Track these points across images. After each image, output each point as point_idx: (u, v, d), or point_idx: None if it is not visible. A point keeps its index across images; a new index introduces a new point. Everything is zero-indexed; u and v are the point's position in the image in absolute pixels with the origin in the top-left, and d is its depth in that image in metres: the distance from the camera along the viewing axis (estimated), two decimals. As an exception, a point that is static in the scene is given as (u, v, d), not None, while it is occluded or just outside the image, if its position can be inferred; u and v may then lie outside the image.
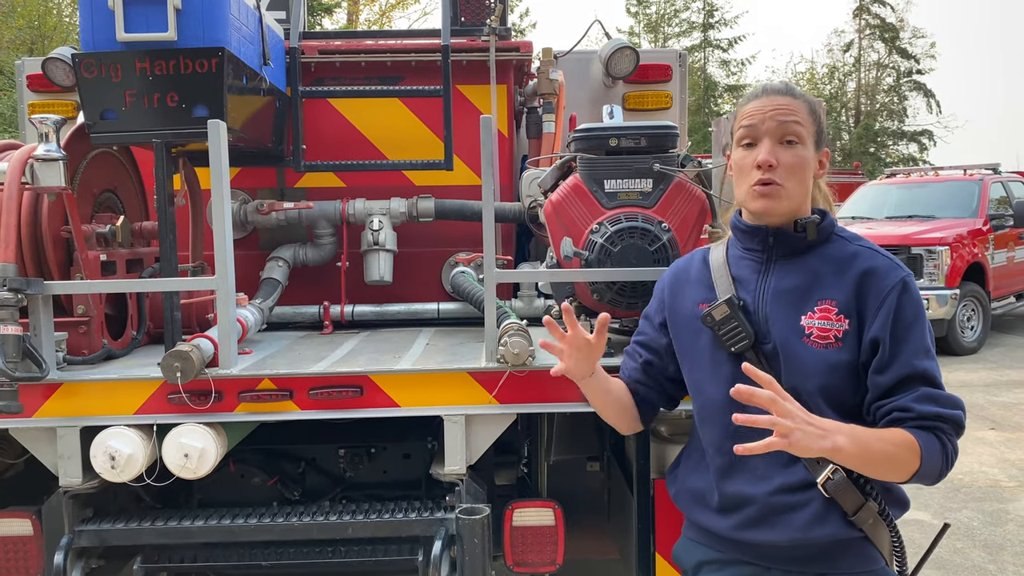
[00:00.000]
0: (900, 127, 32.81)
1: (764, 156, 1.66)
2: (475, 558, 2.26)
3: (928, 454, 1.56)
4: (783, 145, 1.68)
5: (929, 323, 1.65)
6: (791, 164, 1.67)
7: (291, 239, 3.38)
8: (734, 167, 1.75)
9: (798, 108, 1.70)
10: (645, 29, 33.39)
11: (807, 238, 1.72)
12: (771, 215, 1.70)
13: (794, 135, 1.68)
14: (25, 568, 2.39)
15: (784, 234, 1.72)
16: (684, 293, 1.86)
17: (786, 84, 1.79)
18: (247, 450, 2.75)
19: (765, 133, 1.68)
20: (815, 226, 1.71)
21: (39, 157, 2.34)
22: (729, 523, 1.74)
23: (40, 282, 2.30)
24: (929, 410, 1.58)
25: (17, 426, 2.31)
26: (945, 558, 4.24)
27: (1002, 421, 6.88)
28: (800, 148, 1.69)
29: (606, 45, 3.91)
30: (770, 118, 1.68)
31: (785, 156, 1.67)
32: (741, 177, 1.72)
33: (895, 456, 1.55)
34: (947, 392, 1.62)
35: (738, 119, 1.75)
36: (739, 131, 1.72)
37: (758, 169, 1.67)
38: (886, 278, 1.65)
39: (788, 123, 1.67)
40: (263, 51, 2.88)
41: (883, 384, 1.62)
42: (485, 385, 2.34)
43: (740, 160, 1.72)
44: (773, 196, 1.67)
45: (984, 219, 10.66)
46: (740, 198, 1.75)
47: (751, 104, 1.73)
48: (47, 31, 20.44)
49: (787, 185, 1.67)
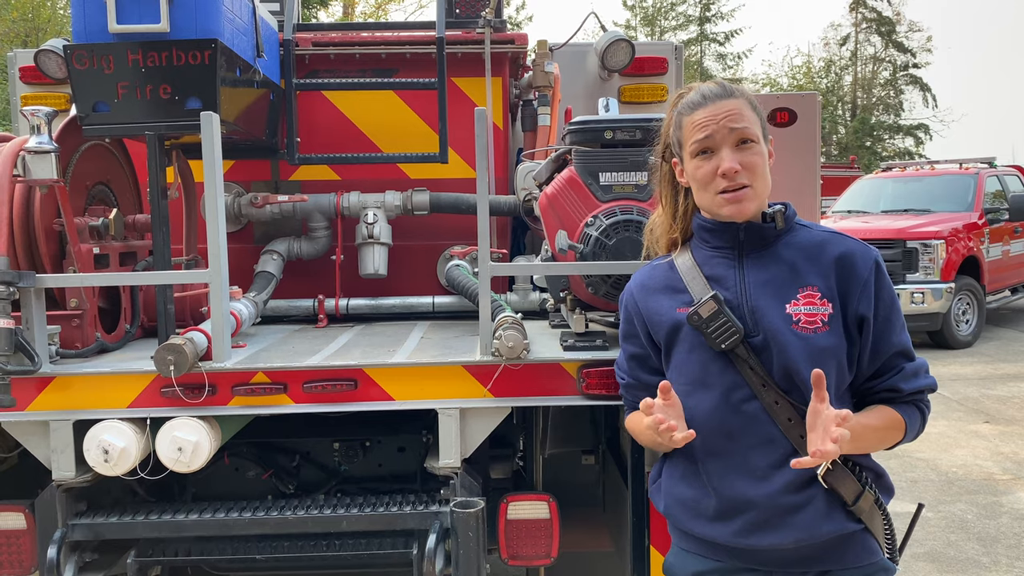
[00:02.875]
0: (896, 121, 32.79)
1: (728, 164, 1.68)
2: (470, 551, 2.26)
3: (910, 427, 1.72)
4: (739, 149, 1.70)
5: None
6: (752, 164, 1.70)
7: (285, 232, 3.38)
8: (692, 176, 1.75)
9: (743, 108, 1.72)
10: (641, 23, 33.34)
11: (776, 228, 1.74)
12: (742, 217, 1.73)
13: (748, 136, 1.70)
14: (19, 561, 2.39)
15: (755, 227, 1.74)
16: (656, 302, 1.82)
17: (721, 85, 1.77)
18: (241, 444, 2.75)
19: (721, 142, 1.70)
20: (782, 215, 1.75)
21: (31, 149, 2.33)
22: (729, 530, 1.70)
23: (32, 275, 2.29)
24: (914, 386, 1.72)
25: (9, 419, 2.30)
26: (939, 550, 4.26)
27: (996, 414, 6.91)
28: (756, 147, 1.71)
29: (602, 37, 3.90)
30: (723, 127, 1.70)
31: (745, 158, 1.69)
32: (704, 186, 1.73)
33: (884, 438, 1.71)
34: (919, 359, 1.75)
35: (687, 130, 1.75)
36: (692, 144, 1.73)
37: (723, 178, 1.69)
38: (863, 260, 1.72)
39: (740, 128, 1.70)
40: (257, 43, 2.87)
41: (873, 365, 1.72)
42: (480, 378, 2.34)
43: (698, 170, 1.73)
44: (743, 199, 1.70)
45: (980, 213, 10.68)
46: (706, 206, 1.76)
47: (698, 114, 1.73)
48: (41, 24, 20.34)
49: (754, 185, 1.70)
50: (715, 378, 1.70)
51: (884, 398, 1.72)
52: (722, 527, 1.71)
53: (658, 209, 1.95)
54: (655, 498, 1.89)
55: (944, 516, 4.72)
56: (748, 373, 1.67)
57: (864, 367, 1.72)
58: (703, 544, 1.77)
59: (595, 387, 2.32)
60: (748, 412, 1.67)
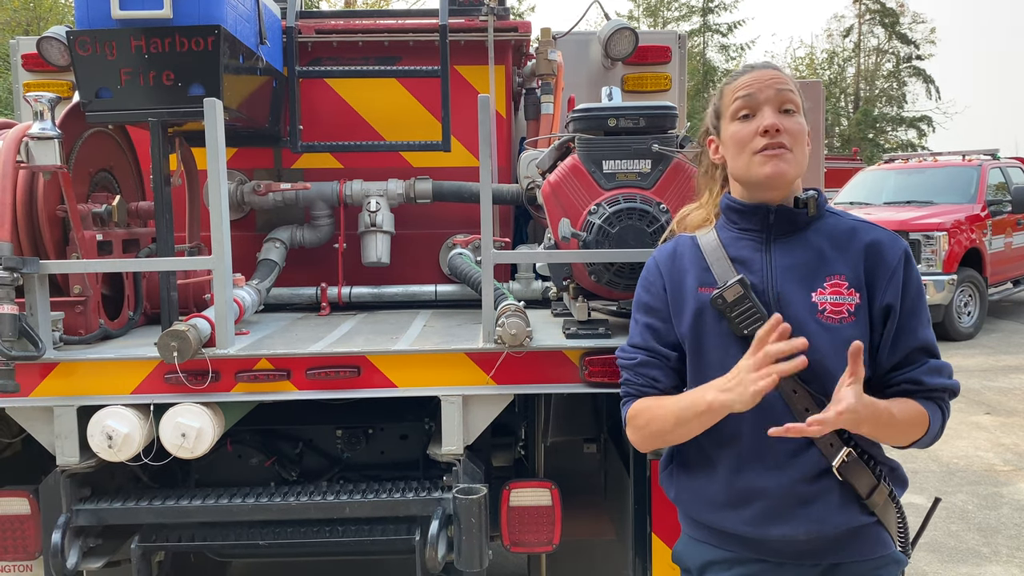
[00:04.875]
0: (899, 113, 32.70)
1: (770, 120, 1.63)
2: (472, 537, 2.27)
3: (932, 425, 1.65)
4: (783, 113, 1.66)
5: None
6: (794, 130, 1.65)
7: (288, 220, 3.37)
8: (730, 141, 1.70)
9: (789, 80, 1.69)
10: (644, 13, 33.18)
11: (808, 214, 1.70)
12: (781, 180, 1.65)
13: (792, 103, 1.66)
14: (23, 547, 2.40)
15: (786, 211, 1.69)
16: (681, 275, 1.75)
17: (768, 62, 1.75)
18: (244, 430, 2.76)
19: (764, 102, 1.65)
20: (815, 202, 1.70)
21: (34, 135, 2.32)
22: (741, 519, 1.67)
23: (36, 261, 2.29)
24: (937, 383, 1.65)
25: (14, 405, 2.31)
26: (940, 541, 4.27)
27: (997, 406, 6.91)
28: (798, 116, 1.67)
29: (605, 26, 3.89)
30: (768, 87, 1.66)
31: (787, 123, 1.65)
32: (741, 149, 1.67)
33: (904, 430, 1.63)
34: (943, 360, 1.69)
35: (728, 95, 1.71)
36: (735, 103, 1.68)
37: (764, 135, 1.63)
38: (892, 249, 1.67)
39: (785, 91, 1.66)
40: (260, 30, 2.86)
41: (895, 356, 1.66)
42: (482, 366, 2.35)
43: (738, 132, 1.68)
44: (783, 159, 1.63)
45: (982, 205, 10.66)
46: (741, 169, 1.69)
47: (743, 78, 1.70)
48: (42, 13, 20.29)
49: (794, 151, 1.65)
50: (734, 363, 1.61)
51: (905, 390, 1.65)
52: (734, 516, 1.68)
53: (696, 203, 1.89)
54: (665, 486, 1.85)
55: (945, 507, 4.73)
56: None
57: (885, 359, 1.66)
58: (714, 533, 1.74)
59: (597, 375, 2.32)
60: (765, 400, 1.60)
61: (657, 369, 1.75)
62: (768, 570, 1.70)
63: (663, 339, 1.76)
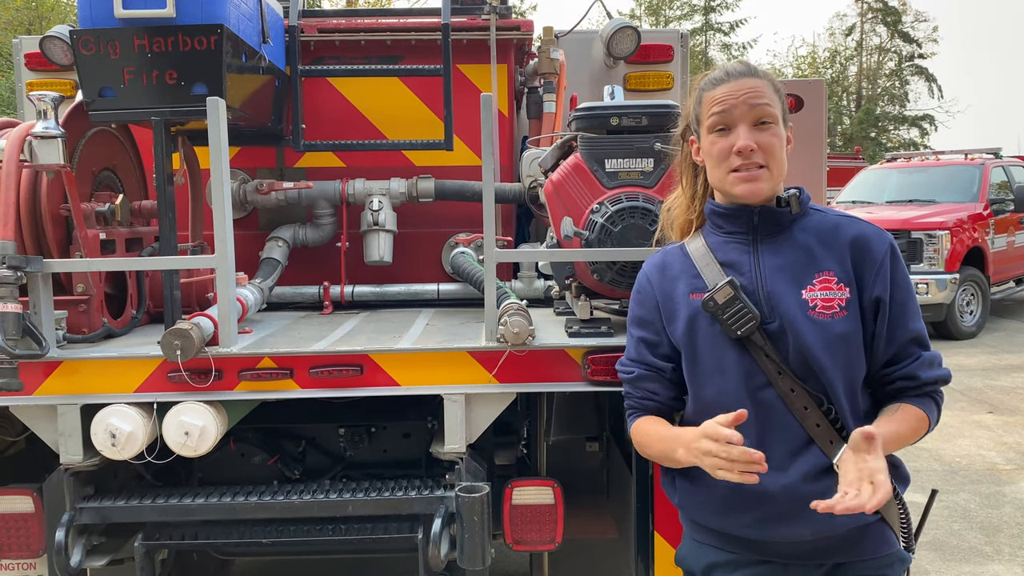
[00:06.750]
0: (901, 112, 32.69)
1: (744, 142, 1.65)
2: (475, 535, 2.27)
3: (932, 421, 1.68)
4: (757, 128, 1.67)
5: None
6: (769, 145, 1.67)
7: (291, 219, 3.38)
8: (707, 154, 1.73)
9: (765, 88, 1.69)
10: (646, 12, 33.18)
11: (791, 212, 1.72)
12: (755, 199, 1.69)
13: (767, 117, 1.67)
14: (27, 544, 2.40)
15: (769, 211, 1.71)
16: (672, 285, 1.78)
17: (746, 64, 1.75)
18: (247, 429, 2.76)
19: (739, 119, 1.67)
20: (797, 200, 1.72)
21: (37, 134, 2.33)
22: (745, 522, 1.68)
23: (39, 260, 2.30)
24: (930, 376, 1.68)
25: (17, 403, 2.32)
26: (942, 539, 4.27)
27: (1000, 405, 6.90)
28: (774, 128, 1.68)
29: (607, 25, 3.89)
30: (742, 103, 1.67)
31: (762, 138, 1.66)
32: (718, 163, 1.70)
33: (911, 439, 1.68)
34: (933, 351, 1.71)
35: (705, 105, 1.72)
36: (710, 118, 1.70)
37: (738, 155, 1.66)
38: (878, 243, 1.70)
39: (760, 106, 1.67)
40: (262, 29, 2.86)
41: (889, 350, 1.68)
42: (485, 364, 2.35)
43: (713, 147, 1.70)
44: (757, 179, 1.67)
45: (985, 204, 10.65)
46: (719, 182, 1.72)
47: (719, 89, 1.70)
48: (44, 12, 20.31)
49: (769, 167, 1.67)
50: (730, 366, 1.66)
51: (900, 387, 1.68)
52: (738, 519, 1.68)
53: (677, 190, 1.92)
54: (668, 490, 1.85)
55: (947, 505, 4.73)
56: (764, 361, 1.64)
57: (879, 354, 1.68)
58: (717, 536, 1.74)
59: (600, 373, 2.32)
60: (763, 400, 1.64)
61: (654, 382, 1.80)
62: (773, 571, 1.70)
63: (657, 352, 1.80)
